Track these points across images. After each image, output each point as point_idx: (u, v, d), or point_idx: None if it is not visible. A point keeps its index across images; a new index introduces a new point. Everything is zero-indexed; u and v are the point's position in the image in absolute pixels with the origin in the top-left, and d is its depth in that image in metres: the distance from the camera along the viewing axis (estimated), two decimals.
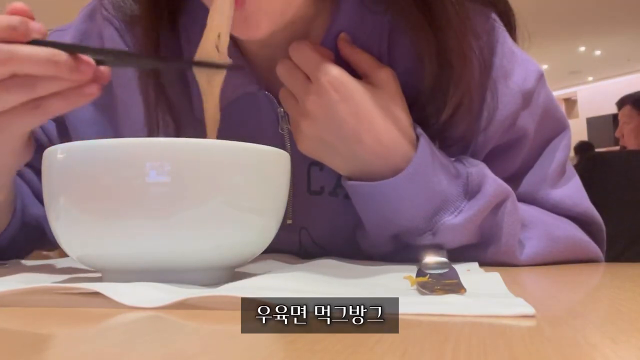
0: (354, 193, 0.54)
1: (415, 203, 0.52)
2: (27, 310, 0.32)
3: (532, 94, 0.60)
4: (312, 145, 0.53)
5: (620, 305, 0.33)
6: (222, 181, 0.39)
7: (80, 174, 0.38)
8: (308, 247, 0.63)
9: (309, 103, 0.51)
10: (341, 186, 0.57)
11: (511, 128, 0.58)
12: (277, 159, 0.43)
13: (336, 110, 0.50)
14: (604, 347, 0.23)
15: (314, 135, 0.52)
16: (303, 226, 0.61)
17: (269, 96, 0.58)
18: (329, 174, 0.58)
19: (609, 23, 7.30)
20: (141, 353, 0.23)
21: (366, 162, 0.52)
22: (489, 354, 0.21)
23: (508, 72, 0.59)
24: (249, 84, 0.58)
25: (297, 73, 0.53)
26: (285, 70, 0.53)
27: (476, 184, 0.53)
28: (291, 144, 0.58)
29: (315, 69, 0.51)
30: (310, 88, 0.52)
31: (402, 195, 0.51)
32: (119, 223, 0.38)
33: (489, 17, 0.60)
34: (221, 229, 0.39)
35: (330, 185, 0.59)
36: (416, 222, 0.52)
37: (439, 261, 0.44)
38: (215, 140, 0.41)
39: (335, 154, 0.53)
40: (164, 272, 0.39)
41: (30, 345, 0.25)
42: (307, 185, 0.60)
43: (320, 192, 0.60)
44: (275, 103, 0.58)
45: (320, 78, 0.51)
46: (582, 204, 0.62)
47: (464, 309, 0.29)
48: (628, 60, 9.54)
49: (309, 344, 0.23)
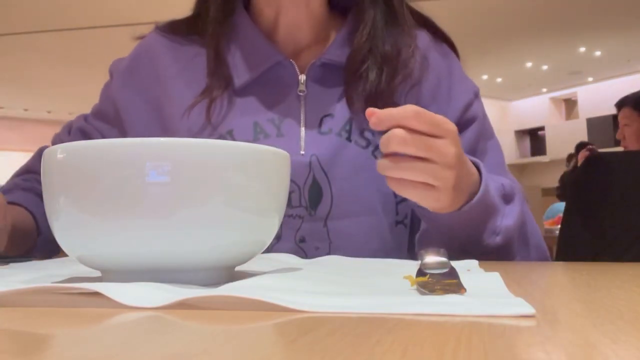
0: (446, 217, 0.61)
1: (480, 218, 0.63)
2: (27, 310, 0.32)
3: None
4: (454, 194, 0.56)
5: (620, 305, 0.33)
6: (222, 181, 0.39)
7: (80, 174, 0.38)
8: (316, 172, 0.71)
9: (450, 156, 0.52)
10: (345, 129, 0.73)
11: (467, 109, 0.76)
12: (277, 159, 0.43)
13: (465, 157, 0.57)
14: (604, 347, 0.23)
15: (456, 185, 0.55)
16: (313, 153, 0.72)
17: (293, 64, 0.75)
18: (337, 122, 0.73)
19: (609, 23, 7.30)
20: (141, 353, 0.23)
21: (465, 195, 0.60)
22: (489, 354, 0.21)
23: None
24: (277, 54, 0.75)
25: (416, 135, 0.51)
26: (403, 137, 0.51)
27: (509, 191, 0.66)
28: (305, 105, 0.74)
29: (436, 123, 0.51)
30: (443, 141, 0.52)
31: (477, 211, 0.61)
32: (119, 223, 0.38)
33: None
34: (221, 229, 0.39)
35: (336, 129, 0.73)
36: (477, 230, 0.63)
37: (439, 261, 0.44)
38: (215, 140, 0.41)
39: (462, 197, 0.59)
40: (163, 272, 0.39)
41: (30, 345, 0.25)
42: (319, 129, 0.73)
43: (328, 132, 0.73)
44: (297, 71, 0.75)
45: (450, 129, 0.52)
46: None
47: (464, 309, 0.29)
48: (628, 61, 9.54)
49: (309, 344, 0.23)
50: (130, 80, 0.80)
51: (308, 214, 0.70)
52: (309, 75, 0.75)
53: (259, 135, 0.72)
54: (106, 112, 0.82)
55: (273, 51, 0.75)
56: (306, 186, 0.71)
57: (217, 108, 0.73)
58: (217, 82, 0.75)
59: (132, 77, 0.80)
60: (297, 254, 0.67)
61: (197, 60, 0.78)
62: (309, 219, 0.70)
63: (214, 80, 0.75)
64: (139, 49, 0.83)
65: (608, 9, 6.68)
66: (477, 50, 7.58)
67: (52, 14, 5.88)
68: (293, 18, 0.77)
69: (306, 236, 0.70)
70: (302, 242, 0.70)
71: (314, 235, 0.70)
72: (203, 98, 0.74)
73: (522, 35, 7.59)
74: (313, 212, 0.70)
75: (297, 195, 0.70)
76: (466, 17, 5.95)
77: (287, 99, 0.75)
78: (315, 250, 0.70)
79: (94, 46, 6.41)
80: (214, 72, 0.75)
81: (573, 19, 7.01)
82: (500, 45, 7.91)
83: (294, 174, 0.69)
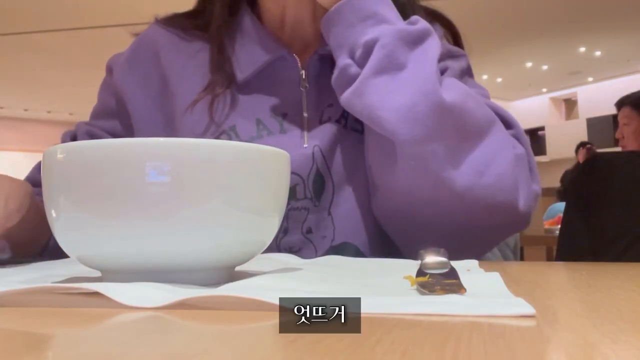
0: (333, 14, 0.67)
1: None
2: (27, 310, 0.32)
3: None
4: None
5: (620, 305, 0.33)
6: (222, 181, 0.39)
7: (80, 174, 0.38)
8: (318, 163, 0.71)
9: None
10: (343, 117, 0.73)
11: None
12: (277, 159, 0.43)
13: None
14: (604, 347, 0.23)
15: None
16: (316, 144, 0.72)
17: (296, 59, 0.75)
18: (336, 110, 0.73)
19: (609, 23, 7.30)
20: (141, 353, 0.22)
21: None
22: (489, 354, 0.21)
23: None
24: (280, 48, 0.74)
25: None
26: None
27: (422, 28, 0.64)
28: (307, 99, 0.74)
29: None
30: None
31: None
32: (118, 223, 0.38)
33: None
34: (221, 229, 0.39)
35: (335, 117, 0.74)
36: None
37: (439, 261, 0.44)
38: (216, 140, 0.41)
39: None
40: (163, 272, 0.39)
41: (30, 345, 0.25)
42: (320, 119, 0.74)
43: (328, 120, 0.74)
44: (299, 66, 0.75)
45: None
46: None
47: (464, 309, 0.29)
48: (628, 61, 9.54)
49: (309, 344, 0.23)
50: (131, 71, 0.79)
51: (313, 204, 0.70)
52: (309, 69, 0.75)
53: (262, 132, 0.72)
54: (108, 107, 0.81)
55: (276, 45, 0.75)
56: (310, 178, 0.71)
57: (220, 105, 0.73)
58: (220, 78, 0.74)
59: (134, 69, 0.79)
60: (305, 245, 0.68)
61: (200, 56, 0.77)
62: (314, 209, 0.70)
63: (217, 77, 0.75)
64: (139, 41, 0.82)
65: (608, 9, 6.68)
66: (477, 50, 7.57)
67: (52, 14, 5.88)
68: (298, 14, 0.77)
69: (312, 227, 0.70)
70: (309, 233, 0.70)
71: (320, 225, 0.70)
72: (206, 94, 0.74)
73: (522, 35, 7.59)
74: (317, 203, 0.71)
75: (301, 188, 0.70)
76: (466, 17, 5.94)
77: (289, 94, 0.75)
78: (322, 239, 0.70)
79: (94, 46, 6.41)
80: (217, 69, 0.75)
81: (573, 19, 7.02)
82: (500, 45, 7.91)
83: (298, 167, 0.70)
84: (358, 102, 0.62)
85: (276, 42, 0.75)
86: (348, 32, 0.66)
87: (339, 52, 0.66)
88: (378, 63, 0.62)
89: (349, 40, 0.65)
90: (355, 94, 0.62)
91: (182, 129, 0.74)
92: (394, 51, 0.62)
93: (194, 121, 0.73)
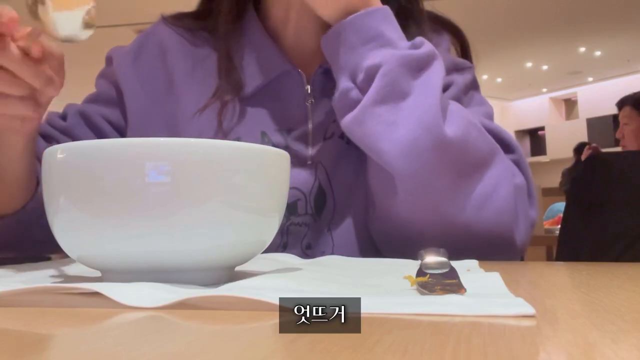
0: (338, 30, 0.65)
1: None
2: (27, 310, 0.32)
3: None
4: None
5: (620, 305, 0.33)
6: (222, 181, 0.39)
7: (80, 174, 0.38)
8: (321, 179, 0.72)
9: None
10: None
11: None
12: (277, 159, 0.43)
13: None
14: (604, 347, 0.23)
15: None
16: (319, 161, 0.72)
17: (301, 74, 0.74)
18: (340, 127, 0.68)
19: (609, 23, 7.30)
20: (141, 353, 0.22)
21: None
22: (489, 354, 0.21)
23: None
24: (286, 63, 0.74)
25: None
26: None
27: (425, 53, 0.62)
28: (313, 115, 0.73)
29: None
30: None
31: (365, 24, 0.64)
32: (118, 223, 0.38)
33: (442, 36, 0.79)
34: (221, 229, 0.39)
35: (339, 132, 0.72)
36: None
37: (439, 261, 0.44)
38: (216, 140, 0.41)
39: None
40: (163, 272, 0.39)
41: (30, 345, 0.25)
42: (324, 135, 0.73)
43: (331, 136, 0.73)
44: (304, 81, 0.73)
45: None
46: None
47: (464, 309, 0.29)
48: (628, 61, 9.54)
49: (309, 344, 0.23)
50: (135, 65, 0.77)
51: (313, 220, 0.70)
52: (315, 84, 0.74)
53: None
54: (107, 95, 0.78)
55: (282, 59, 0.74)
56: (312, 193, 0.71)
57: (229, 114, 0.72)
58: (228, 86, 0.73)
59: (138, 64, 0.77)
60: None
61: (208, 62, 0.76)
62: (314, 225, 0.70)
63: (225, 84, 0.73)
64: (146, 37, 0.79)
65: (608, 9, 6.68)
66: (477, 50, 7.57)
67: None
68: (301, 19, 0.75)
69: (312, 243, 0.70)
70: (309, 248, 0.70)
71: (319, 241, 0.70)
72: (215, 101, 0.72)
73: (522, 35, 7.58)
74: (318, 219, 0.70)
75: (303, 203, 0.70)
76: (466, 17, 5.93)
77: (295, 109, 0.73)
78: (321, 255, 0.69)
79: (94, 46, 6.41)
80: (225, 76, 0.74)
81: (573, 19, 7.01)
82: (500, 45, 7.90)
83: (301, 183, 0.70)
84: (358, 129, 0.62)
85: (280, 52, 0.74)
86: (349, 55, 0.64)
87: (340, 74, 0.65)
88: (380, 91, 0.60)
89: (351, 63, 0.64)
90: (356, 121, 0.61)
91: (187, 134, 0.73)
92: (396, 79, 0.60)
93: (201, 127, 0.72)
